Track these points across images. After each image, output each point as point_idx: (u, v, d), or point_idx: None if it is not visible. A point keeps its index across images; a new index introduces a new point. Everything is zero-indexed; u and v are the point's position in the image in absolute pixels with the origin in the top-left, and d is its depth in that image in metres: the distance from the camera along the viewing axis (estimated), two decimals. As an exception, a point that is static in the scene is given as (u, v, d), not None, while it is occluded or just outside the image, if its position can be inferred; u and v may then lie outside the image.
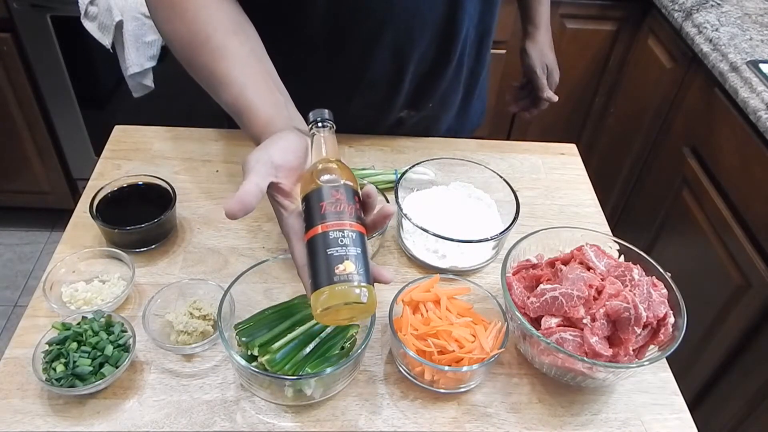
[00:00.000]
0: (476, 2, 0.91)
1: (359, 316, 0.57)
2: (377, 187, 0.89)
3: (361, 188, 0.60)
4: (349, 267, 0.54)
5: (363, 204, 0.60)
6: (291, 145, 0.62)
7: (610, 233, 0.89)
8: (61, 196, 2.09)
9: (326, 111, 0.63)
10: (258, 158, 0.59)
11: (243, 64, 0.70)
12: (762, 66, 1.32)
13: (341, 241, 0.55)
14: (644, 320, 0.67)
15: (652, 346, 0.71)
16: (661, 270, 0.75)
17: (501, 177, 0.90)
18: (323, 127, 0.63)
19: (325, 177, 0.59)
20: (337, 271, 0.54)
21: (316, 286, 0.55)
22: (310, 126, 0.64)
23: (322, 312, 0.55)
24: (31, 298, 0.77)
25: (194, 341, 0.72)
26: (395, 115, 1.03)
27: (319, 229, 0.56)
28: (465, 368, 0.67)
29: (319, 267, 0.55)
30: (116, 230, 0.80)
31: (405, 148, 1.04)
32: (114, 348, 0.68)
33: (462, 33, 0.92)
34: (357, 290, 0.54)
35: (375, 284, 0.58)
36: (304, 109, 0.69)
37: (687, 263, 1.47)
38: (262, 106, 0.68)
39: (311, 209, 0.57)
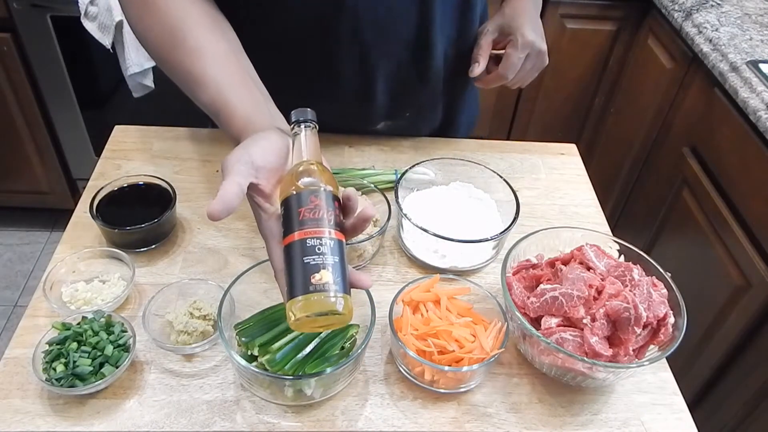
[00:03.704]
0: (451, 22, 0.91)
1: (335, 324, 0.56)
2: (377, 187, 0.89)
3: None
4: (325, 276, 0.53)
5: (343, 207, 0.58)
6: (272, 145, 0.61)
7: (610, 233, 0.89)
8: (61, 196, 2.09)
9: (309, 110, 0.62)
10: (238, 158, 0.58)
11: (220, 63, 0.69)
12: (762, 66, 1.32)
13: (318, 249, 0.54)
14: (644, 320, 0.67)
15: (652, 346, 0.71)
16: (661, 270, 0.75)
17: (501, 177, 0.90)
18: (305, 127, 0.61)
19: (305, 180, 0.57)
20: (312, 280, 0.53)
21: (291, 294, 0.54)
22: (292, 126, 0.62)
23: (296, 321, 0.54)
24: (31, 298, 0.77)
25: (194, 341, 0.72)
26: (372, 126, 1.03)
27: (296, 236, 0.55)
28: (465, 368, 0.67)
29: (294, 275, 0.54)
30: (116, 230, 0.80)
31: (405, 148, 1.04)
32: (114, 348, 0.68)
33: (436, 52, 0.91)
34: (332, 300, 0.53)
35: (362, 288, 0.57)
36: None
37: (687, 263, 1.47)
38: (240, 104, 0.66)
39: (289, 214, 0.56)
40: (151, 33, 0.72)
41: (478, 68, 0.91)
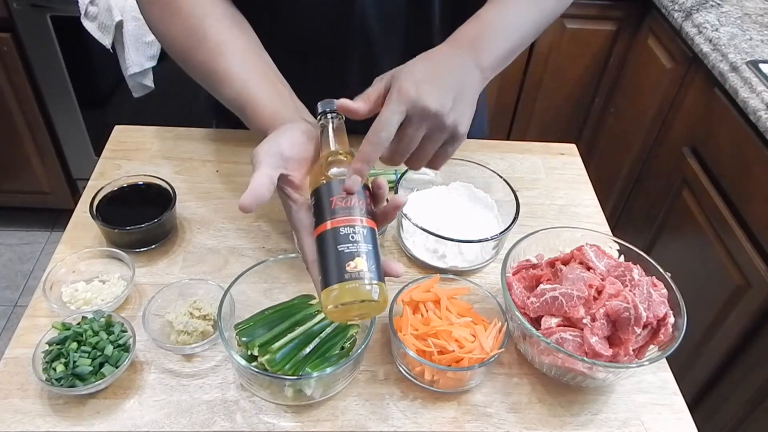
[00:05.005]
0: (451, 21, 0.90)
1: (370, 313, 0.57)
2: (377, 187, 0.89)
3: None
4: (360, 264, 0.53)
5: (373, 195, 0.59)
6: (300, 136, 0.61)
7: (610, 233, 0.89)
8: (61, 196, 2.09)
9: (335, 101, 0.62)
10: (267, 150, 0.58)
11: (242, 59, 0.70)
12: (762, 66, 1.32)
13: (352, 237, 0.54)
14: (644, 320, 0.67)
15: (652, 346, 0.71)
16: (661, 270, 0.75)
17: (501, 177, 0.90)
18: (332, 117, 0.61)
19: (335, 170, 0.57)
20: (347, 268, 0.53)
21: (326, 283, 0.54)
22: (319, 117, 0.62)
23: (332, 309, 0.54)
24: (31, 298, 0.77)
25: (194, 341, 0.72)
26: None
27: (329, 225, 0.55)
28: (465, 368, 0.67)
29: (329, 264, 0.54)
30: (116, 230, 0.80)
31: (405, 148, 1.04)
32: (114, 348, 0.68)
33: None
34: (368, 287, 0.53)
35: (394, 277, 0.57)
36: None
37: (687, 263, 1.47)
38: (266, 98, 0.67)
39: (321, 204, 0.57)
40: (171, 33, 0.73)
41: (350, 103, 0.62)
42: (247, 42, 0.72)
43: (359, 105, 0.62)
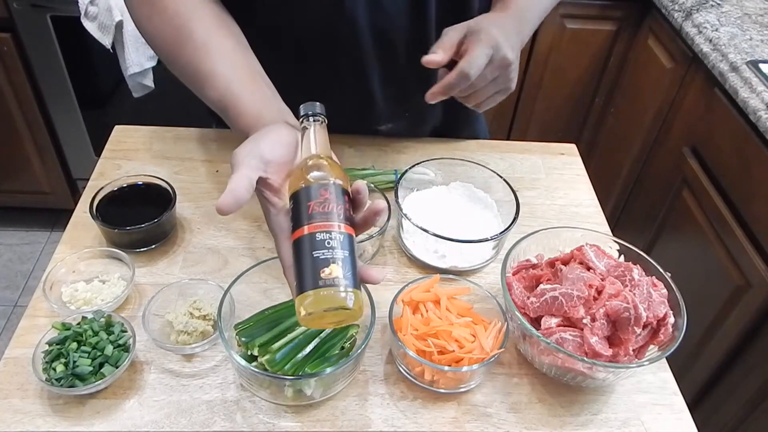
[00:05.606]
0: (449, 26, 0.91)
1: (345, 320, 0.55)
2: (377, 187, 0.89)
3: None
4: (335, 271, 0.52)
5: (353, 201, 0.58)
6: (281, 138, 0.60)
7: (610, 233, 0.89)
8: (61, 196, 2.09)
9: (318, 104, 0.61)
10: (248, 152, 0.58)
11: (228, 60, 0.69)
12: (762, 66, 1.32)
13: (328, 243, 0.53)
14: (644, 320, 0.67)
15: (652, 346, 0.71)
16: (661, 270, 0.75)
17: (501, 177, 0.90)
18: (314, 121, 0.61)
19: (314, 174, 0.56)
20: (322, 274, 0.52)
21: (300, 289, 0.53)
22: (301, 120, 0.61)
23: (305, 316, 0.53)
24: (31, 298, 0.77)
25: (194, 341, 0.72)
26: (374, 127, 1.02)
27: (306, 230, 0.54)
28: (465, 368, 0.67)
29: (304, 270, 0.53)
30: (116, 230, 0.80)
31: (405, 148, 1.04)
32: (114, 348, 0.68)
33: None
34: (342, 295, 0.52)
35: (372, 284, 0.57)
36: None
37: (687, 263, 1.47)
38: (250, 100, 0.66)
39: (298, 208, 0.56)
40: (159, 33, 0.72)
41: (435, 57, 0.72)
42: (234, 43, 0.72)
43: (439, 56, 0.71)
